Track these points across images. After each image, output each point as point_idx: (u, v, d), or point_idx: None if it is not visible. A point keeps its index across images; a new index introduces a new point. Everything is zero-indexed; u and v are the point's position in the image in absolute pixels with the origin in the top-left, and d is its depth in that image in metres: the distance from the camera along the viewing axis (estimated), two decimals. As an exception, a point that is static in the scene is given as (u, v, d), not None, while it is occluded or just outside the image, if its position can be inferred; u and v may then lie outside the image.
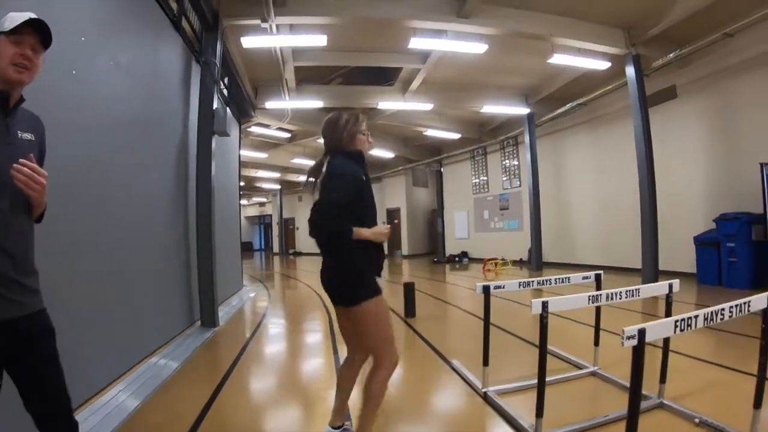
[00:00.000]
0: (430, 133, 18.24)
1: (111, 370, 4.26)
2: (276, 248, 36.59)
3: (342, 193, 2.86)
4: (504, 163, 19.23)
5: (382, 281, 3.08)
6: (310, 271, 19.08)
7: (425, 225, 26.55)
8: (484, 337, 4.17)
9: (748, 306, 2.62)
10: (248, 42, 8.93)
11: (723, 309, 2.50)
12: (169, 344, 5.89)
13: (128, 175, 4.89)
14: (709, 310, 2.44)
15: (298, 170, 25.17)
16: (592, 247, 14.92)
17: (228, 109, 9.23)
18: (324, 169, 3.12)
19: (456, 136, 18.83)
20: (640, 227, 10.59)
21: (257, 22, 8.08)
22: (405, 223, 25.87)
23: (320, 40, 9.03)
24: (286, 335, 7.53)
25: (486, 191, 20.49)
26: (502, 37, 9.92)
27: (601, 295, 3.32)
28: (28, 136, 2.00)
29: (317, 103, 13.41)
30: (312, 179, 3.18)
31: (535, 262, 15.44)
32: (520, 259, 17.14)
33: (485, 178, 20.58)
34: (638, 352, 2.17)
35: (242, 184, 22.00)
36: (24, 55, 1.92)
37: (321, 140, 3.26)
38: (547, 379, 3.11)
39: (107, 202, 4.32)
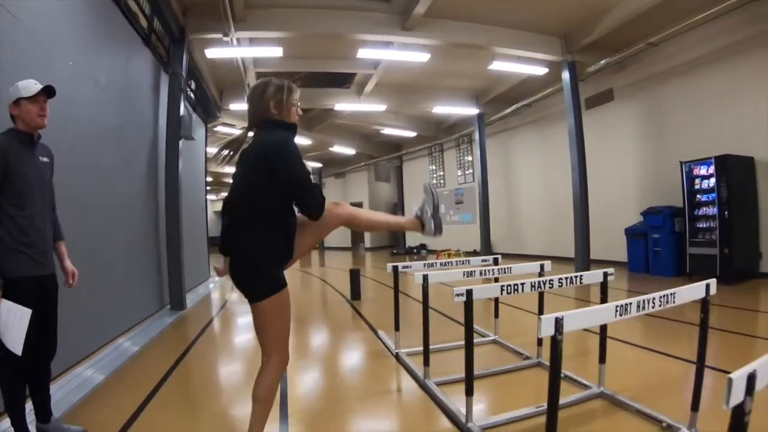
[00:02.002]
0: (387, 131, 19.21)
1: (91, 343, 5.10)
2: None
3: (306, 170, 2.68)
4: (459, 159, 20.22)
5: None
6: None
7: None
8: (395, 305, 5.33)
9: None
10: (212, 53, 9.78)
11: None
12: (142, 323, 6.77)
13: (105, 176, 5.65)
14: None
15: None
16: (538, 239, 15.95)
17: (194, 111, 10.06)
18: (254, 142, 2.79)
19: (412, 134, 19.85)
20: (588, 222, 11.50)
21: (220, 36, 8.86)
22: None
23: (277, 52, 9.98)
24: (244, 315, 8.41)
25: (443, 186, 21.43)
26: (446, 46, 10.75)
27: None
28: (45, 159, 3.19)
29: (278, 105, 14.07)
30: (228, 152, 2.92)
31: (483, 252, 16.43)
32: (474, 250, 18.06)
33: (442, 173, 21.57)
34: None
35: (210, 179, 22.67)
36: (43, 108, 3.04)
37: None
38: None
39: (87, 200, 5.01)
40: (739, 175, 9.32)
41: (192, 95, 10.49)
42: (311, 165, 27.34)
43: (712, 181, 9.29)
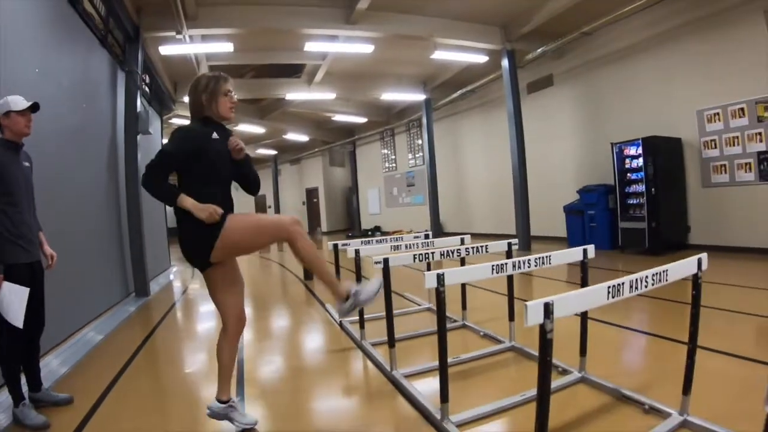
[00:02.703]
0: (339, 118, 19.76)
1: (69, 325, 5.60)
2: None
3: (169, 145, 2.92)
4: (410, 143, 20.82)
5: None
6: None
7: (343, 203, 27.79)
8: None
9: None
10: (165, 50, 10.15)
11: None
12: (111, 309, 7.28)
13: (68, 171, 6.02)
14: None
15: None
16: (485, 218, 16.72)
17: (150, 105, 10.45)
18: None
19: (363, 120, 20.42)
20: (532, 198, 12.31)
21: (173, 33, 9.24)
22: (323, 201, 27.21)
23: (227, 47, 10.44)
24: (203, 300, 8.93)
25: (395, 170, 22.10)
26: (390, 37, 11.27)
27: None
28: (27, 164, 3.72)
29: (231, 96, 14.48)
30: None
31: (433, 232, 17.08)
32: (426, 230, 18.65)
33: (393, 157, 22.18)
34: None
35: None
36: (30, 120, 3.59)
37: (238, 126, 3.23)
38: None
39: (53, 194, 5.31)
40: (667, 154, 9.96)
41: (147, 89, 10.83)
42: (265, 152, 27.65)
43: (641, 160, 9.96)
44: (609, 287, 2.12)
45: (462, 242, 5.10)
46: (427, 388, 3.51)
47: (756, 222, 8.94)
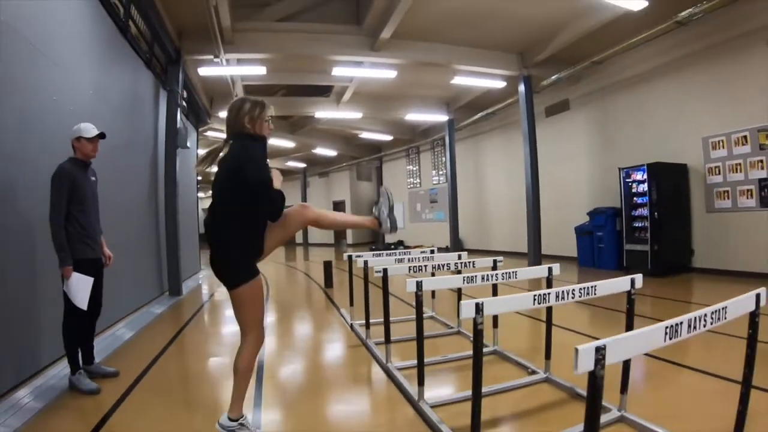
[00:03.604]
0: (365, 135, 20.57)
1: (117, 313, 6.44)
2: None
3: (267, 172, 3.05)
4: (434, 161, 21.40)
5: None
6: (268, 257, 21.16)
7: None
8: (350, 288, 6.82)
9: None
10: (204, 71, 11.16)
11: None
12: (148, 304, 8.17)
13: (118, 182, 6.85)
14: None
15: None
16: (503, 236, 17.15)
17: (187, 119, 11.37)
18: (229, 152, 3.21)
19: (389, 137, 21.18)
20: (545, 218, 12.73)
21: (211, 57, 10.15)
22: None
23: (261, 71, 11.39)
24: (221, 305, 9.73)
25: (419, 186, 22.69)
26: (411, 64, 11.92)
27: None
28: (93, 178, 4.55)
29: (263, 113, 15.38)
30: (209, 158, 3.35)
31: (452, 248, 17.72)
32: (446, 246, 18.97)
33: (418, 174, 22.77)
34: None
35: (200, 178, 23.75)
36: (96, 145, 4.43)
37: (269, 140, 3.17)
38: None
39: (106, 204, 5.95)
40: (672, 180, 10.28)
41: (185, 105, 11.71)
42: (295, 165, 28.49)
43: (646, 185, 10.28)
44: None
45: (495, 266, 4.92)
46: (455, 420, 3.33)
47: (757, 247, 9.17)
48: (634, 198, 10.74)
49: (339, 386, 4.50)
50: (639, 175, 10.58)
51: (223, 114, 14.77)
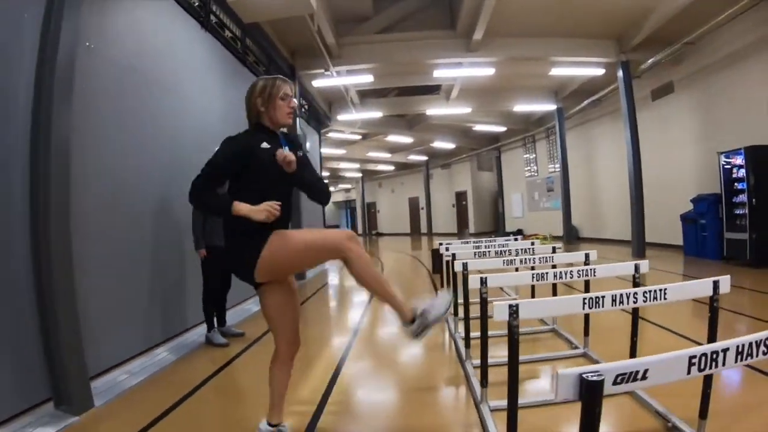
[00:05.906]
0: (479, 127, 21.40)
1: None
2: (360, 229, 39.75)
3: (215, 156, 2.73)
4: (549, 149, 21.43)
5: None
6: (388, 248, 22.70)
7: (491, 205, 28.73)
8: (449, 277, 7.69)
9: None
10: (317, 83, 12.77)
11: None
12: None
13: None
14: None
15: (375, 161, 29.58)
16: (617, 223, 16.74)
17: (309, 124, 13.05)
18: None
19: (503, 128, 21.81)
20: (653, 206, 12.76)
21: (322, 71, 11.58)
22: (471, 204, 28.60)
23: (368, 78, 12.72)
24: (341, 286, 11.18)
25: (536, 175, 22.86)
26: (508, 59, 12.54)
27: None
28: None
29: (378, 113, 17.02)
30: None
31: (565, 236, 18.18)
32: (563, 234, 19.21)
33: (535, 162, 22.95)
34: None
35: (327, 174, 25.72)
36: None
37: (389, 137, 3.22)
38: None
39: None
40: None
41: (305, 112, 13.19)
42: (416, 158, 29.78)
43: (744, 170, 9.86)
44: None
45: (587, 260, 4.48)
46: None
47: None
48: (735, 184, 10.24)
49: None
50: (738, 160, 10.08)
51: (341, 117, 16.40)
